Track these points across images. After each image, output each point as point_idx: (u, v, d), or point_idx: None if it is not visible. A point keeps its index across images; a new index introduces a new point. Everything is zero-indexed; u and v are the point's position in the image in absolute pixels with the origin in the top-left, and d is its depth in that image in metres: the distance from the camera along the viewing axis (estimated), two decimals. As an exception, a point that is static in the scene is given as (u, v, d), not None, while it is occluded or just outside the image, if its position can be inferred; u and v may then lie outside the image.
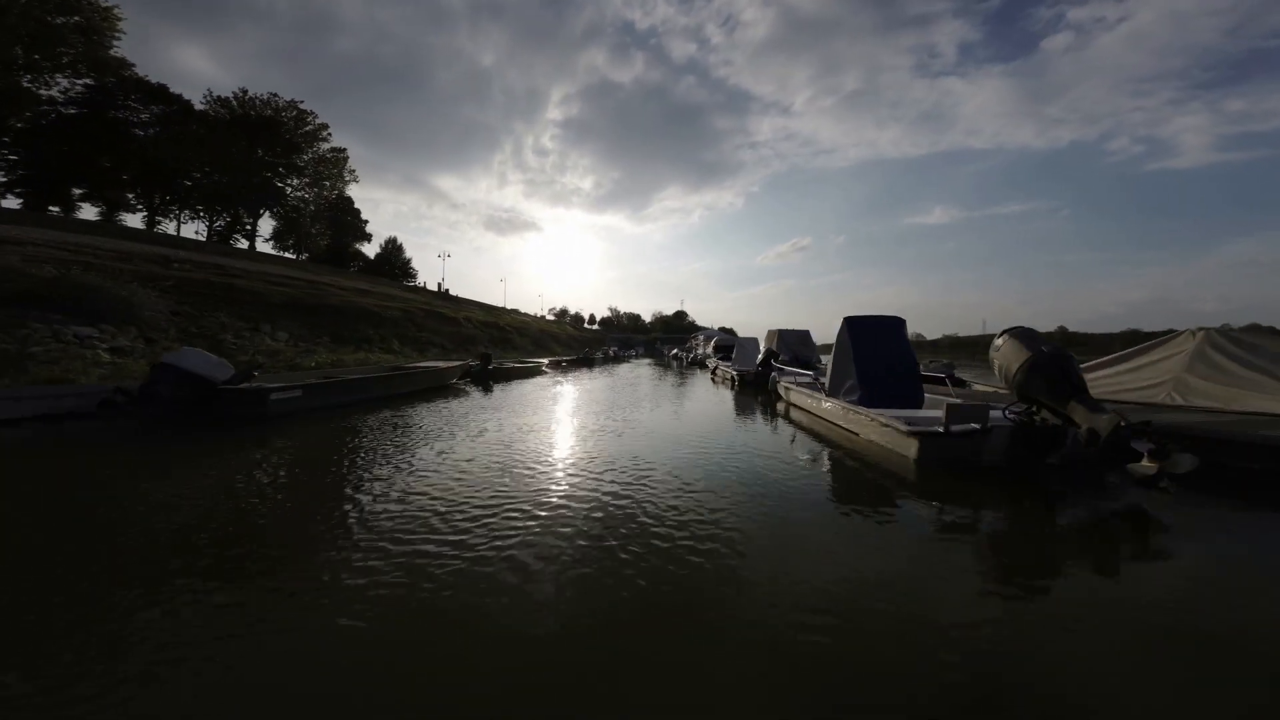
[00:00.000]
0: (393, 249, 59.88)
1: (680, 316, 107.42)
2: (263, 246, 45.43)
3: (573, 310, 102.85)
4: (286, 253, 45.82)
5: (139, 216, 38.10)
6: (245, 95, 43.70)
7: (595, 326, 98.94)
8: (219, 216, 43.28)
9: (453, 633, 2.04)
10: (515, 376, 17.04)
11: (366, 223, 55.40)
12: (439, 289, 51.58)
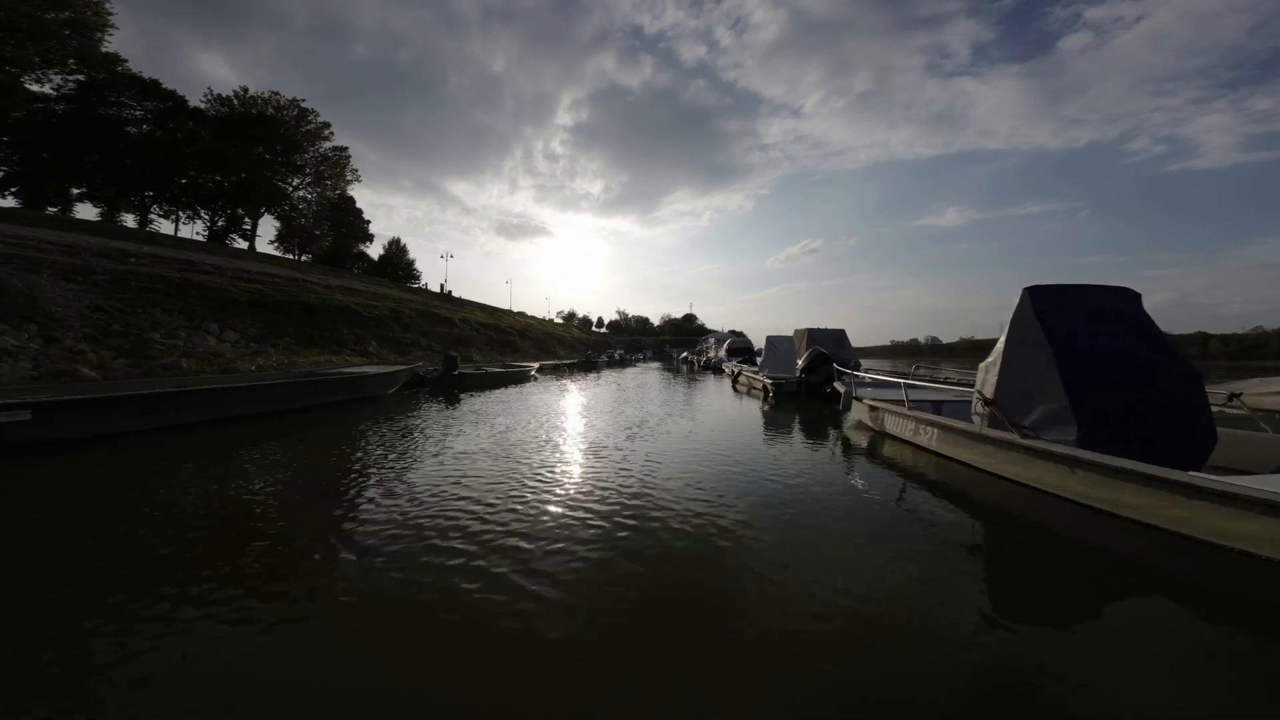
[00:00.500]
0: (397, 250, 58.88)
1: (689, 319, 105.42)
2: (267, 248, 44.53)
3: (580, 313, 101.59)
4: (289, 254, 44.84)
5: (137, 217, 37.30)
6: (245, 93, 42.87)
7: (603, 330, 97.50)
8: (218, 215, 42.37)
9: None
10: (494, 384, 15.05)
11: (369, 223, 54.42)
12: (441, 290, 50.36)
